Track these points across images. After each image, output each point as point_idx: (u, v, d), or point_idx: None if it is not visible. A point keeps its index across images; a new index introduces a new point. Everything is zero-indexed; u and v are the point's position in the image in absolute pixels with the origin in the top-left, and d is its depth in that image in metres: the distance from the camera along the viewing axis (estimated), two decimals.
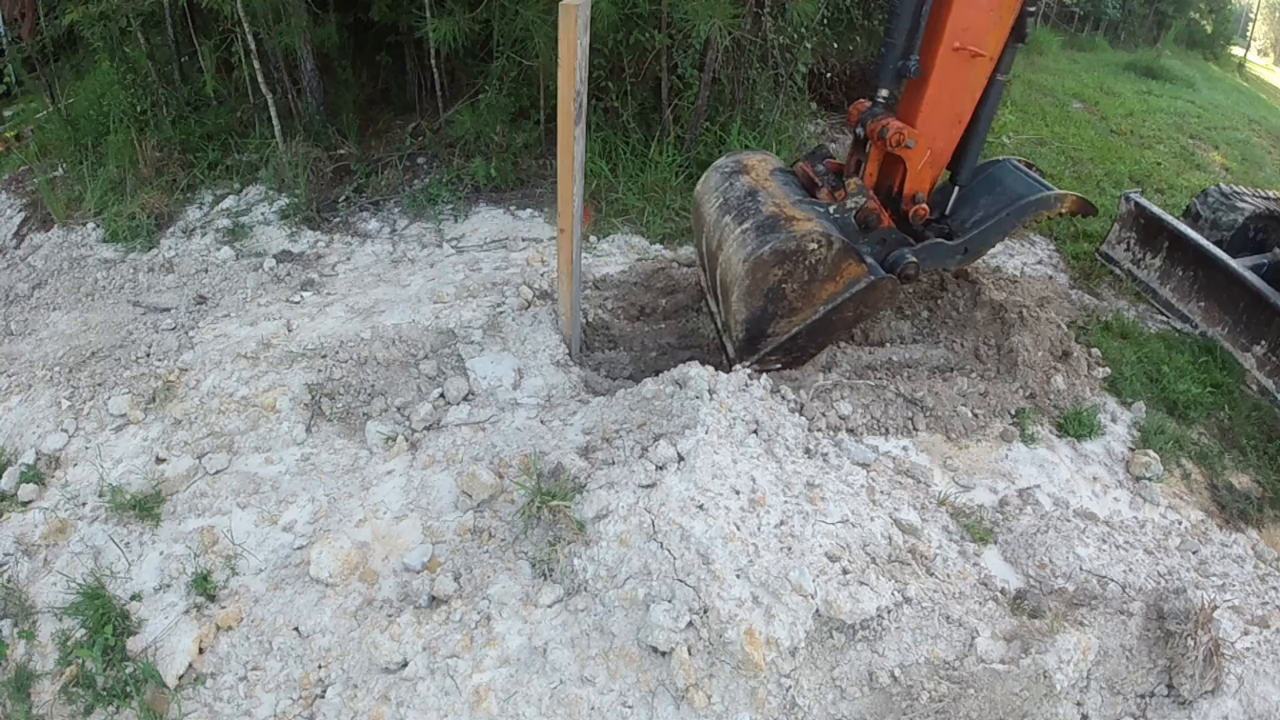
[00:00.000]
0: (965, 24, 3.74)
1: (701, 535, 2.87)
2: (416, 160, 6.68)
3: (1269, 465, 4.42)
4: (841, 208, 3.95)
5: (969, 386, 4.26)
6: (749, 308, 3.80)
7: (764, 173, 4.23)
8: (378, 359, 4.23)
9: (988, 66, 3.90)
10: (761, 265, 3.66)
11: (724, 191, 4.13)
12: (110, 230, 5.80)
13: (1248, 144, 10.55)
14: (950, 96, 3.92)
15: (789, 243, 3.63)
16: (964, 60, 3.81)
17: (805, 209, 3.87)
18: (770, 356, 4.01)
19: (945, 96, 3.91)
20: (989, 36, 3.79)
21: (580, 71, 3.49)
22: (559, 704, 2.61)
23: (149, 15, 6.63)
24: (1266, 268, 5.36)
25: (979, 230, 4.17)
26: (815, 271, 3.71)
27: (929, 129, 3.94)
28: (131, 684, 2.86)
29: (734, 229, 3.84)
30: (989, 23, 3.76)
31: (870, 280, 3.79)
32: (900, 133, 3.83)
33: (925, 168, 3.99)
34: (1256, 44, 23.67)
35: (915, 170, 3.98)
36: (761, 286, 3.73)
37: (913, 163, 3.96)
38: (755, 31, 6.36)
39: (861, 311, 3.93)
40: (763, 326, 3.87)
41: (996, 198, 4.26)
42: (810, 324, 3.89)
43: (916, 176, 4.01)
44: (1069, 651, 2.81)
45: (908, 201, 4.08)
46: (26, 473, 3.79)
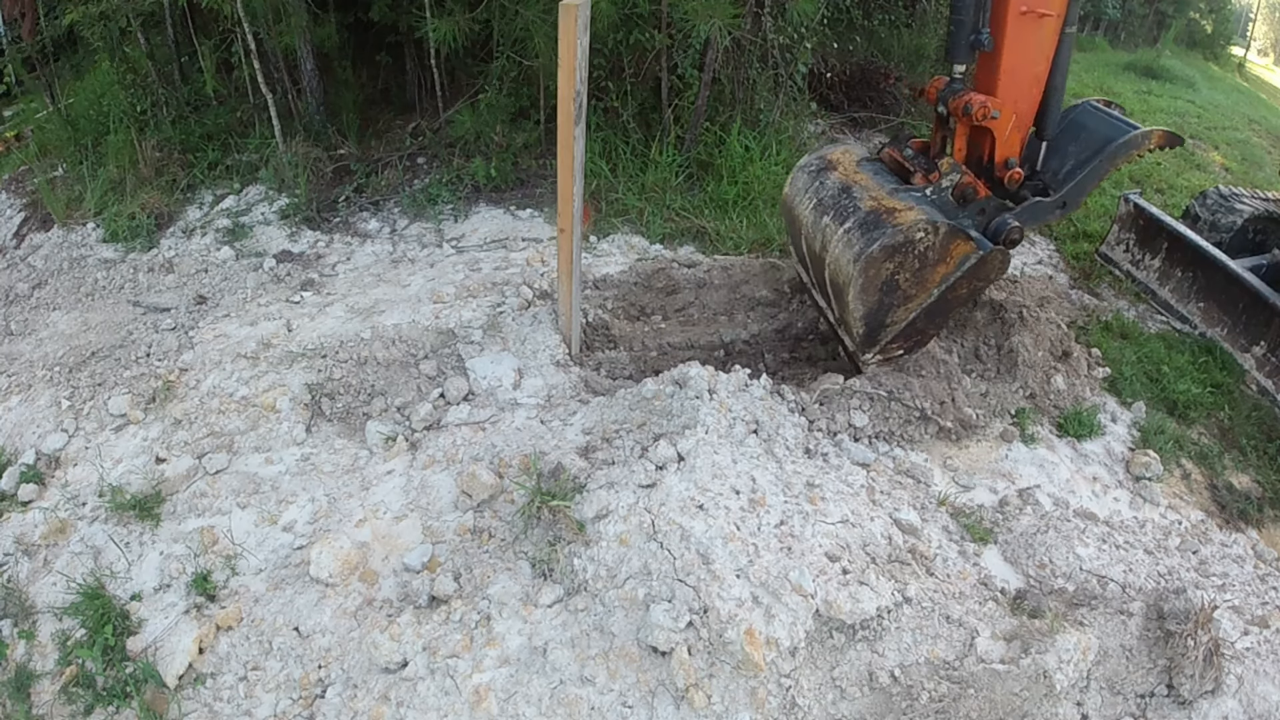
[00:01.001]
0: None
1: (701, 535, 2.87)
2: (416, 160, 6.68)
3: (1269, 465, 4.42)
4: (938, 188, 3.99)
5: (971, 387, 4.25)
6: (865, 304, 3.85)
7: (851, 166, 4.27)
8: (378, 359, 4.23)
9: (1056, 24, 3.92)
10: (873, 263, 3.71)
11: (815, 192, 4.18)
12: (110, 230, 5.80)
13: (1248, 144, 10.54)
14: (1025, 60, 3.95)
15: (896, 236, 3.67)
16: (1033, 22, 3.84)
17: (903, 198, 3.91)
18: (891, 345, 4.08)
19: (1020, 61, 3.94)
20: None
21: (580, 71, 3.49)
22: (559, 704, 2.61)
23: (149, 15, 6.63)
24: (1265, 269, 5.36)
25: (1074, 182, 4.19)
26: (925, 258, 3.77)
27: (1010, 95, 3.97)
28: (131, 684, 2.86)
29: (836, 230, 3.90)
30: None
31: (980, 255, 3.82)
32: (984, 106, 3.86)
33: (1013, 133, 4.02)
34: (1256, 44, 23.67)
35: (1004, 137, 4.03)
36: (875, 283, 3.78)
37: (1000, 131, 4.00)
38: (755, 31, 6.36)
39: (975, 286, 3.99)
40: (881, 319, 3.93)
41: (1084, 144, 4.27)
42: (927, 307, 3.95)
43: (1006, 143, 4.05)
44: (1069, 651, 2.82)
45: (1000, 168, 4.11)
46: (26, 473, 3.79)
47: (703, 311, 5.07)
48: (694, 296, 5.13)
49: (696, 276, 5.24)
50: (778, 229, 5.78)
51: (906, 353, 4.16)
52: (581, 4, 3.34)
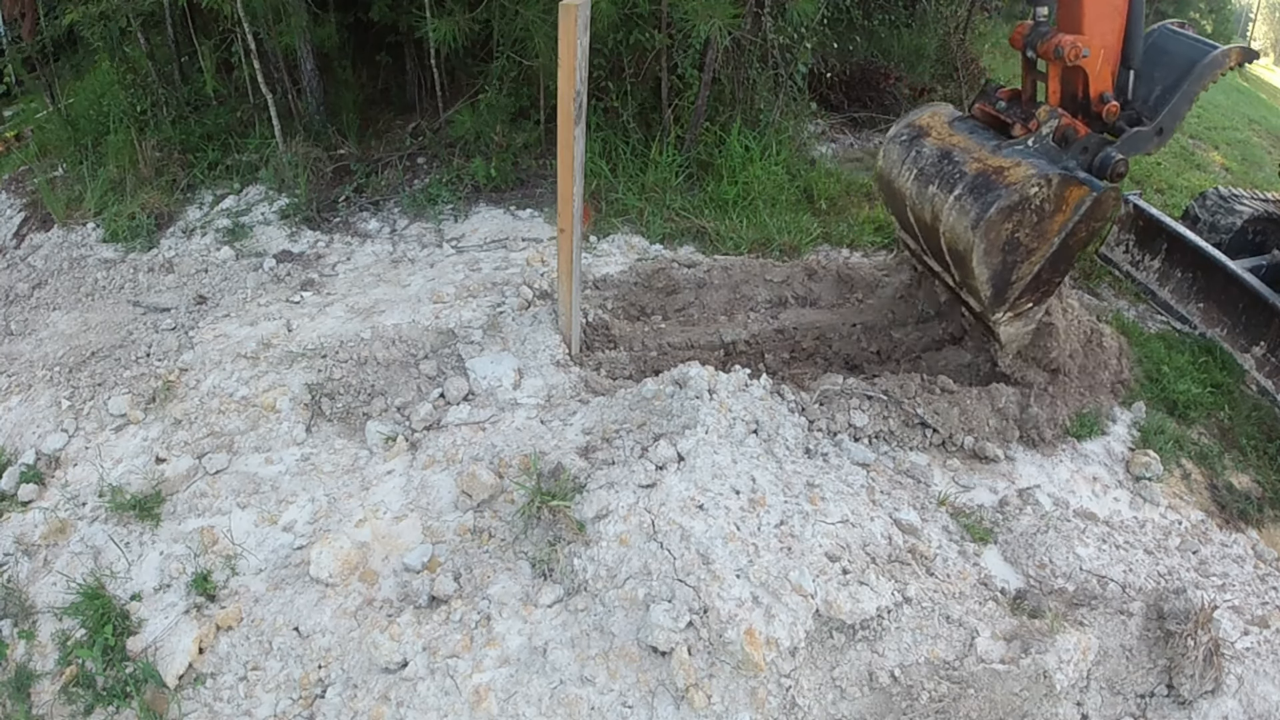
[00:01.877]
0: None
1: (701, 535, 2.87)
2: (416, 160, 6.68)
3: (1269, 465, 4.42)
4: (1039, 137, 3.95)
5: (984, 417, 4.24)
6: (990, 267, 3.83)
7: (944, 129, 4.23)
8: (378, 359, 4.23)
9: None
10: (992, 226, 3.68)
11: (914, 161, 4.13)
12: (110, 230, 5.80)
13: (1248, 144, 10.54)
14: None
15: (1011, 196, 3.64)
16: None
17: (1007, 154, 3.88)
18: (1020, 300, 4.05)
19: None
20: None
21: (580, 71, 3.49)
22: (559, 704, 2.61)
23: (149, 15, 6.63)
24: (1265, 269, 5.36)
25: (1168, 108, 4.17)
26: (1043, 211, 3.73)
27: (1096, 29, 3.93)
28: (131, 684, 2.86)
29: (945, 198, 3.86)
30: None
31: (1094, 196, 3.76)
32: (1075, 46, 3.82)
33: (1104, 67, 3.98)
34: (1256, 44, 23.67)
35: (1096, 73, 3.98)
36: (997, 245, 3.76)
37: (1092, 68, 3.95)
38: (755, 31, 6.36)
39: (1094, 227, 3.93)
40: (1006, 277, 3.91)
41: (1168, 69, 4.26)
42: (1050, 257, 3.91)
43: (1099, 78, 4.01)
44: (1069, 651, 2.82)
45: (1097, 103, 4.07)
46: (26, 473, 3.79)
47: (703, 311, 5.07)
48: (694, 296, 5.13)
49: (696, 276, 5.24)
50: (778, 229, 5.79)
51: (1036, 304, 4.15)
52: (581, 4, 3.34)
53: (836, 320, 4.97)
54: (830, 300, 5.20)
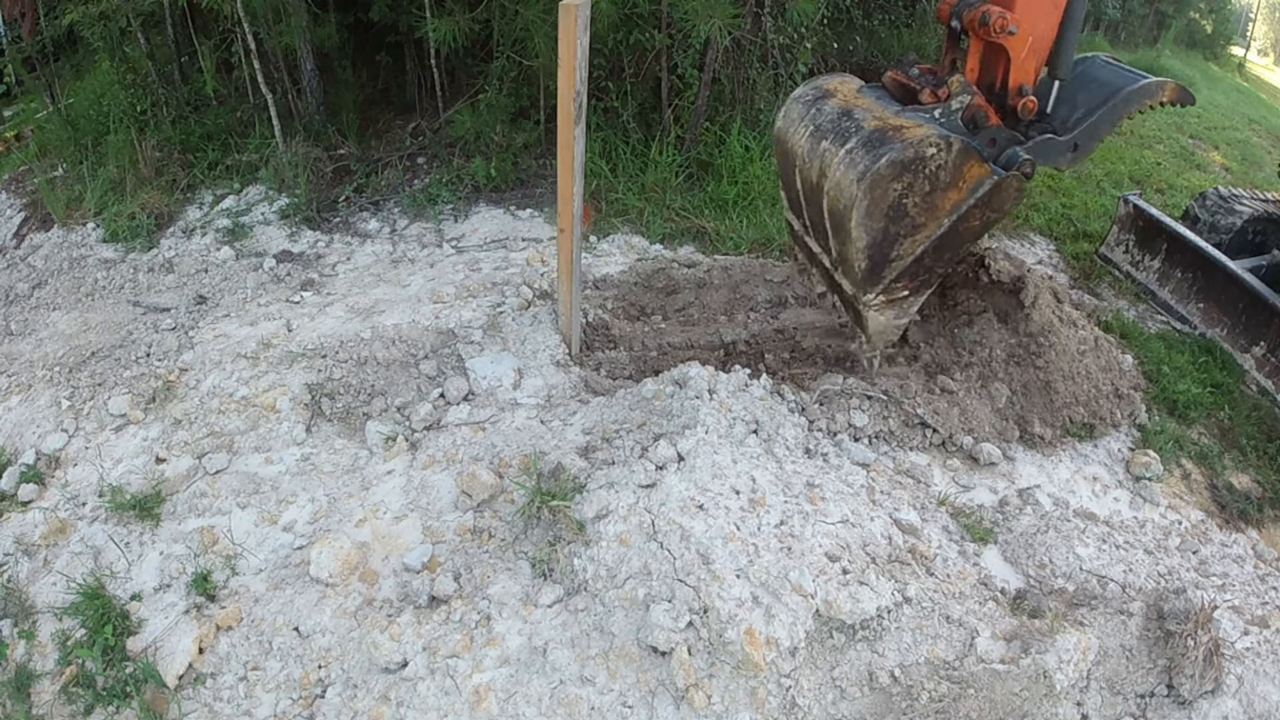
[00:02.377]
0: None
1: (701, 535, 2.87)
2: (416, 160, 6.68)
3: (1269, 465, 4.42)
4: (947, 109, 3.67)
5: (984, 418, 4.23)
6: (869, 232, 3.49)
7: (850, 93, 3.97)
8: (378, 359, 4.23)
9: None
10: (879, 181, 3.35)
11: (812, 119, 3.80)
12: (110, 230, 5.80)
13: (1248, 144, 10.55)
14: None
15: (905, 151, 3.33)
16: None
17: (910, 116, 3.62)
18: (896, 284, 3.74)
19: None
20: None
21: (580, 71, 3.49)
22: (559, 704, 2.61)
23: (149, 15, 6.64)
24: (1265, 269, 5.37)
25: (1087, 123, 3.93)
26: (936, 179, 3.44)
27: (1029, 13, 3.67)
28: (131, 684, 2.86)
29: (836, 152, 3.53)
30: None
31: (994, 180, 3.54)
32: (1003, 17, 3.55)
33: (1029, 56, 3.72)
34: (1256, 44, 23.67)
35: (1019, 60, 3.72)
36: (881, 205, 3.43)
37: (1016, 51, 3.70)
38: (755, 31, 6.37)
39: (988, 217, 3.68)
40: (885, 251, 3.59)
41: (1095, 93, 4.01)
42: (937, 240, 3.62)
43: (1021, 67, 3.75)
44: (1069, 651, 2.82)
45: (1013, 95, 3.80)
46: (26, 473, 3.79)
47: (703, 311, 5.07)
48: (694, 296, 5.13)
49: (696, 276, 5.24)
50: (778, 229, 5.78)
51: (912, 294, 3.81)
52: (581, 4, 3.34)
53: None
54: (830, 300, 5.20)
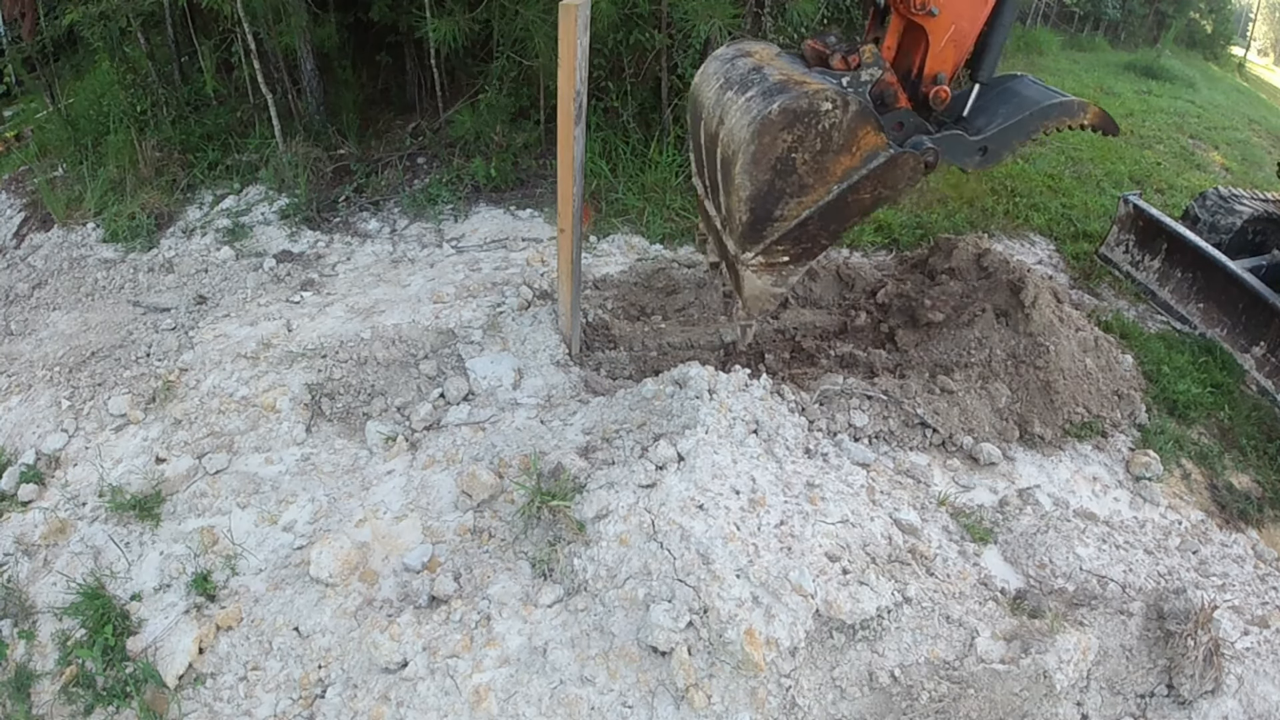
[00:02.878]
0: None
1: (701, 535, 2.87)
2: (416, 160, 6.68)
3: (1269, 465, 4.42)
4: (856, 79, 3.52)
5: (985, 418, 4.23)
6: (754, 181, 3.35)
7: (769, 55, 3.86)
8: (378, 359, 4.23)
9: None
10: (769, 127, 3.23)
11: (725, 73, 3.69)
12: (110, 230, 5.80)
13: (1248, 144, 10.55)
14: None
15: (800, 100, 3.23)
16: None
17: (817, 77, 3.48)
18: (778, 246, 3.59)
19: None
20: None
21: (580, 71, 3.48)
22: (559, 704, 2.61)
23: (149, 15, 6.64)
24: (1265, 269, 5.37)
25: (1000, 129, 3.82)
26: (829, 139, 3.33)
27: (956, 2, 3.56)
28: (131, 684, 2.86)
29: (737, 100, 3.42)
30: None
31: (890, 154, 3.43)
32: None
33: (948, 45, 3.62)
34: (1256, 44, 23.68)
35: (938, 46, 3.58)
36: (769, 154, 3.30)
37: (936, 35, 3.57)
38: (755, 31, 6.37)
39: (880, 193, 3.54)
40: (769, 207, 3.44)
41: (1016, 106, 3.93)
42: (823, 206, 3.48)
43: (939, 54, 3.62)
44: (1069, 651, 2.81)
45: (928, 82, 3.69)
46: (26, 473, 3.79)
47: (703, 311, 5.07)
48: (694, 296, 5.13)
49: (696, 276, 5.24)
50: None
51: (793, 262, 3.65)
52: (581, 4, 3.34)
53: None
54: (830, 300, 5.21)
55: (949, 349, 4.49)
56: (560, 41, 3.40)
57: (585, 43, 3.47)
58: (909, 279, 5.12)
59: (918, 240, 6.02)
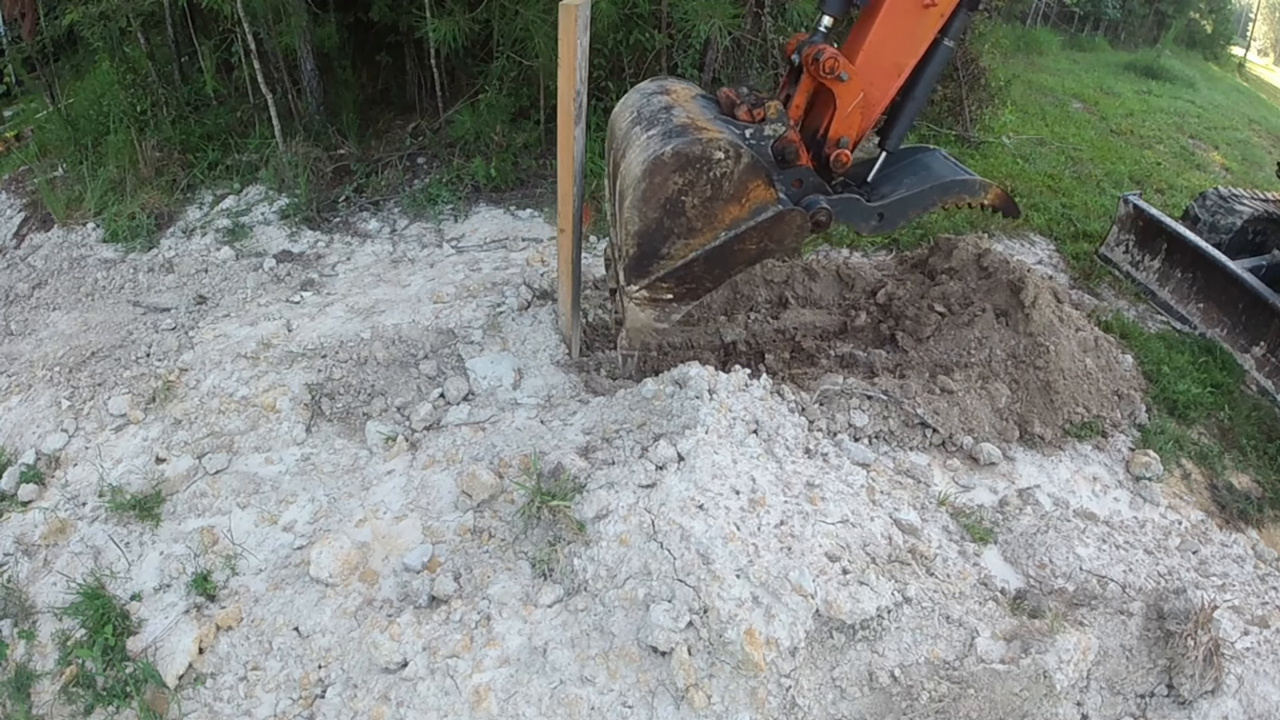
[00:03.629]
0: None
1: (701, 535, 2.87)
2: (416, 160, 6.69)
3: (1269, 465, 4.42)
4: (759, 133, 3.64)
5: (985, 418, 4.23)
6: (643, 218, 3.45)
7: (685, 96, 3.96)
8: (378, 359, 4.23)
9: (937, 22, 3.70)
10: (661, 168, 3.34)
11: (639, 108, 3.80)
12: (110, 230, 5.80)
13: (1248, 144, 10.56)
14: (895, 42, 3.70)
15: (694, 146, 3.33)
16: (915, 6, 3.62)
17: (720, 124, 3.58)
18: (662, 283, 3.67)
19: (890, 40, 3.69)
20: None
21: (580, 71, 3.48)
22: (559, 704, 2.61)
23: (149, 15, 6.64)
24: (1265, 269, 5.37)
25: (898, 199, 3.95)
26: (719, 187, 3.42)
27: (867, 71, 3.70)
28: (131, 684, 2.86)
29: (640, 136, 3.52)
30: None
31: (778, 210, 3.53)
32: (835, 59, 3.56)
33: (855, 111, 3.73)
34: (1256, 44, 23.69)
35: (845, 110, 3.70)
36: (659, 194, 3.40)
37: (843, 101, 3.67)
38: (755, 31, 6.37)
39: (766, 246, 3.64)
40: (656, 244, 3.54)
41: (920, 178, 4.07)
42: (709, 251, 3.58)
43: (845, 119, 3.72)
44: (1069, 651, 2.81)
45: (831, 144, 3.79)
46: (26, 473, 3.79)
47: (703, 311, 5.06)
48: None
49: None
50: None
51: (677, 300, 3.74)
52: (581, 4, 3.34)
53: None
54: (830, 300, 5.20)
55: (949, 349, 4.49)
56: (560, 41, 3.40)
57: (585, 43, 3.48)
58: (909, 279, 5.12)
59: (918, 240, 6.02)
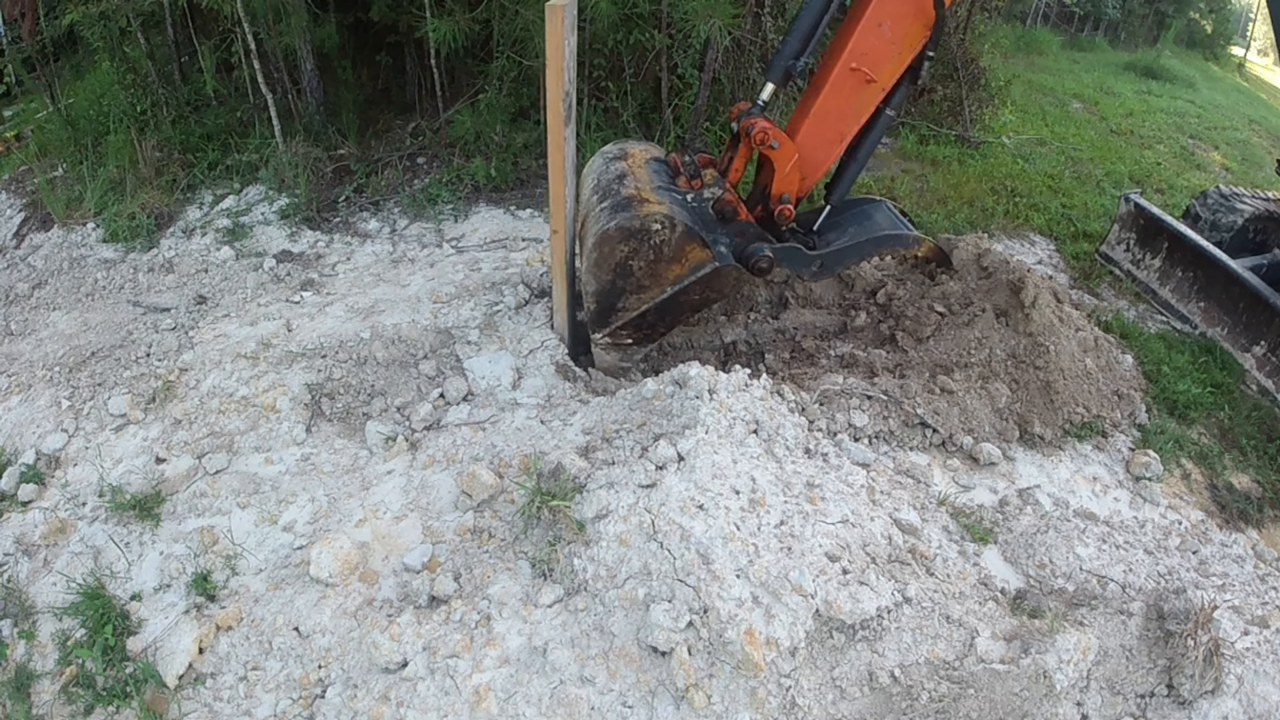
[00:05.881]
0: (866, 48, 3.89)
1: (701, 535, 2.87)
2: (416, 160, 6.69)
3: (1269, 465, 4.42)
4: (699, 197, 4.12)
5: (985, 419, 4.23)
6: (598, 280, 3.94)
7: (640, 161, 4.39)
8: (377, 359, 4.23)
9: (878, 95, 4.05)
10: (608, 240, 3.80)
11: (600, 175, 4.27)
12: (110, 230, 5.80)
13: (1248, 144, 10.55)
14: (836, 113, 4.08)
15: (634, 221, 3.78)
16: (858, 82, 3.98)
17: (662, 194, 4.00)
18: (621, 331, 4.15)
19: (832, 112, 4.07)
20: (886, 67, 3.96)
21: (569, 72, 3.47)
22: (559, 704, 2.61)
23: (149, 15, 6.64)
24: (1266, 268, 5.36)
25: (836, 249, 4.35)
26: (660, 252, 3.88)
27: (810, 139, 4.11)
28: (131, 684, 2.86)
29: (596, 207, 4.01)
30: (889, 54, 3.93)
31: (714, 266, 3.93)
32: (765, 133, 3.95)
33: (793, 170, 4.12)
34: (1256, 44, 23.65)
35: (783, 171, 4.11)
36: (609, 261, 3.87)
37: (780, 163, 4.09)
38: (755, 31, 6.37)
39: (708, 295, 4.08)
40: (612, 300, 4.02)
41: (863, 229, 4.46)
42: (659, 303, 4.03)
43: (784, 178, 4.14)
44: (1069, 651, 2.81)
45: (774, 200, 4.21)
46: (26, 473, 3.79)
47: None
48: None
49: None
50: None
51: (636, 344, 4.24)
52: (568, 4, 3.32)
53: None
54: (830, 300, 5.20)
55: (949, 349, 4.49)
56: (547, 42, 3.39)
57: (573, 43, 3.47)
58: (909, 279, 5.12)
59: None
